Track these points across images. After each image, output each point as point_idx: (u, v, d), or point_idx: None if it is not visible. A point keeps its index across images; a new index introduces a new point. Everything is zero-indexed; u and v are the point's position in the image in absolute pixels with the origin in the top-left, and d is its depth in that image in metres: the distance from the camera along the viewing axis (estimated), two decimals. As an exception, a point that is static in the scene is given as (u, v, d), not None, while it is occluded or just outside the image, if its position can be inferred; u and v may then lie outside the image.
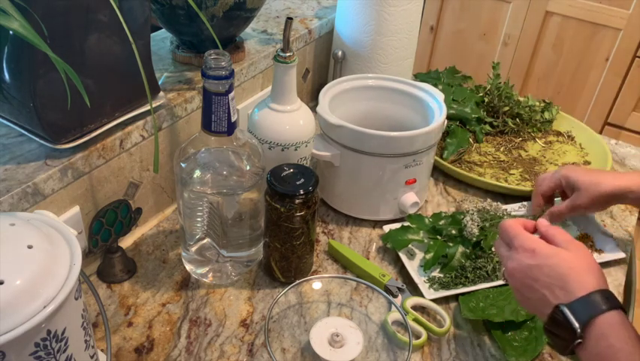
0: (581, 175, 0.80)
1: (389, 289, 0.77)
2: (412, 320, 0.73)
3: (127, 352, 0.68)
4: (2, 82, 0.65)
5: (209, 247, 0.77)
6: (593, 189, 0.78)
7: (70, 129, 0.68)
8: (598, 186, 0.77)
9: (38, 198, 0.66)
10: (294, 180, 0.71)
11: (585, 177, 0.79)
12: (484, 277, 0.79)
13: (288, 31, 0.74)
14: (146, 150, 0.81)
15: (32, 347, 0.45)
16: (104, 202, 0.76)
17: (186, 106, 0.84)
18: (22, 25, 0.49)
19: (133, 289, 0.76)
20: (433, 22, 2.21)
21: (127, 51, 0.68)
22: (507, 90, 1.15)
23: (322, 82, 1.24)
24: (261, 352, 0.69)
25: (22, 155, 0.68)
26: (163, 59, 0.93)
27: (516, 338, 0.72)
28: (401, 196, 0.88)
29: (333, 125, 0.83)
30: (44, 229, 0.50)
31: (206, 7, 0.83)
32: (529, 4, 2.00)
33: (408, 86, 0.95)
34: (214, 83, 0.65)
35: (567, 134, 1.15)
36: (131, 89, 0.74)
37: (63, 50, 0.61)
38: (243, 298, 0.76)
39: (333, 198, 0.92)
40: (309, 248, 0.78)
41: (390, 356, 0.70)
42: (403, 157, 0.84)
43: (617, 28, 1.89)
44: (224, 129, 0.68)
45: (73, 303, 0.49)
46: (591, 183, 0.78)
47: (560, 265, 0.56)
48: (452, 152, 1.05)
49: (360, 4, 1.05)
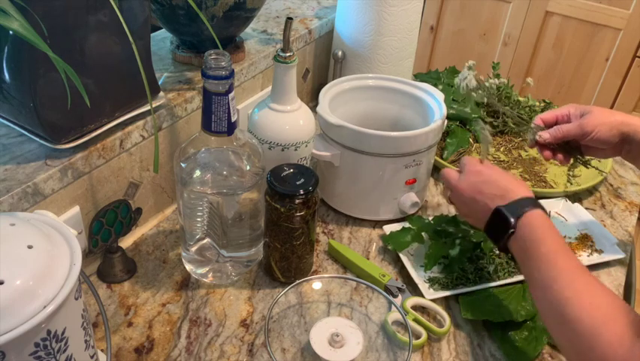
0: (592, 106, 0.81)
1: (389, 289, 0.77)
2: (412, 320, 0.73)
3: (127, 352, 0.68)
4: (2, 82, 0.65)
5: (209, 247, 0.77)
6: (605, 114, 0.78)
7: (70, 129, 0.68)
8: (611, 114, 0.78)
9: (38, 198, 0.66)
10: (294, 180, 0.71)
11: (597, 107, 0.80)
12: (484, 277, 0.79)
13: (288, 31, 0.74)
14: (146, 150, 0.81)
15: (32, 347, 0.45)
16: (104, 202, 0.76)
17: (186, 106, 0.84)
18: (22, 25, 0.49)
19: (133, 289, 0.76)
20: (433, 22, 2.21)
21: (127, 51, 0.68)
22: (507, 90, 1.15)
23: (322, 82, 1.24)
24: (261, 352, 0.69)
25: (22, 155, 0.68)
26: (163, 59, 0.93)
27: (516, 338, 0.72)
28: (401, 196, 0.88)
29: (333, 125, 0.83)
30: (44, 229, 0.50)
31: (206, 7, 0.83)
32: (529, 4, 2.00)
33: (408, 86, 0.95)
34: (214, 83, 0.65)
35: (567, 134, 1.15)
36: (131, 89, 0.74)
37: (63, 50, 0.61)
38: (242, 298, 0.76)
39: (333, 198, 0.92)
40: (309, 248, 0.78)
41: (390, 356, 0.70)
42: (402, 157, 0.84)
43: (617, 28, 1.89)
44: (224, 129, 0.68)
45: (73, 303, 0.49)
46: (604, 111, 0.79)
47: (500, 180, 0.72)
48: (452, 152, 1.05)
49: (360, 4, 1.05)
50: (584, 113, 0.80)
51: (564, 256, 0.61)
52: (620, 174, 1.09)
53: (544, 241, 0.63)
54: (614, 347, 0.52)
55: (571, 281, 0.58)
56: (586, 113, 0.79)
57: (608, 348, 0.52)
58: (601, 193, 1.03)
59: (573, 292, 0.57)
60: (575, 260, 0.61)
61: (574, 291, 0.57)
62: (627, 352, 0.51)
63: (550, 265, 0.61)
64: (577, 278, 0.59)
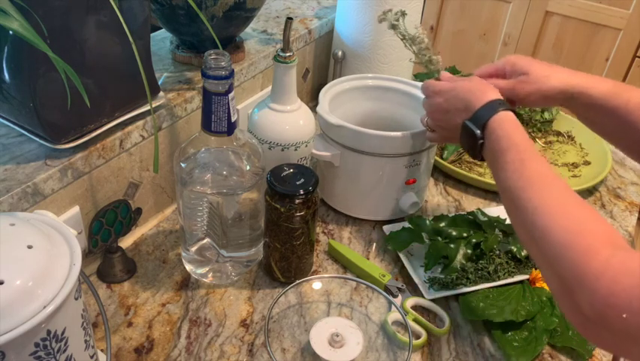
0: (531, 63, 0.73)
1: (389, 289, 0.77)
2: (412, 320, 0.73)
3: (127, 352, 0.68)
4: (2, 82, 0.65)
5: (209, 247, 0.77)
6: (542, 80, 0.71)
7: (70, 129, 0.68)
8: (547, 79, 0.71)
9: (38, 198, 0.66)
10: (294, 180, 0.71)
11: (536, 66, 0.72)
12: (484, 277, 0.78)
13: (288, 31, 0.74)
14: (146, 150, 0.81)
15: (32, 347, 0.45)
16: (104, 202, 0.76)
17: (186, 106, 0.84)
18: (22, 25, 0.49)
19: (133, 289, 0.76)
20: (433, 22, 2.21)
21: (127, 51, 0.68)
22: (507, 90, 1.15)
23: (322, 82, 1.24)
24: (260, 352, 0.69)
25: (22, 155, 0.68)
26: (163, 59, 0.93)
27: (516, 338, 0.72)
28: (401, 196, 0.88)
29: (333, 125, 0.83)
30: (44, 229, 0.50)
31: (206, 7, 0.83)
32: (529, 4, 2.00)
33: (408, 86, 0.95)
34: (214, 83, 0.65)
35: (567, 134, 1.15)
36: (131, 89, 0.74)
37: (63, 50, 0.61)
38: (242, 298, 0.76)
39: (333, 198, 0.92)
40: (309, 248, 0.78)
41: (390, 356, 0.70)
42: (402, 157, 0.84)
43: (617, 28, 1.89)
44: (224, 129, 0.68)
45: (73, 303, 0.49)
46: (541, 75, 0.71)
47: (460, 92, 0.69)
48: (452, 152, 1.05)
49: (360, 4, 1.05)
50: (521, 73, 0.72)
51: (532, 163, 0.58)
52: (620, 174, 1.09)
53: (510, 150, 0.60)
54: (588, 256, 0.47)
55: (539, 190, 0.55)
56: (523, 74, 0.72)
57: (581, 258, 0.47)
58: (601, 193, 1.03)
59: (542, 201, 0.54)
60: (544, 167, 0.57)
61: (543, 200, 0.54)
62: (603, 263, 0.46)
63: (517, 174, 0.58)
64: (546, 186, 0.55)
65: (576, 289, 0.46)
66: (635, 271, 0.44)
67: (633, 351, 0.45)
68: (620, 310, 0.43)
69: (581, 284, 0.46)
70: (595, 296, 0.45)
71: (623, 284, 0.43)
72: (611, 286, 0.44)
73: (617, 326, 0.43)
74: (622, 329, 0.43)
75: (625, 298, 0.43)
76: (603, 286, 0.44)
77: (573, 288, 0.47)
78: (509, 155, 0.60)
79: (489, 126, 0.64)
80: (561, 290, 0.49)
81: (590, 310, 0.45)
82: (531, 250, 0.55)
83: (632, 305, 0.42)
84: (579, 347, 0.71)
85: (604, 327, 0.45)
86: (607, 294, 0.44)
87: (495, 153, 0.62)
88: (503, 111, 0.64)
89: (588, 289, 0.45)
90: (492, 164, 0.63)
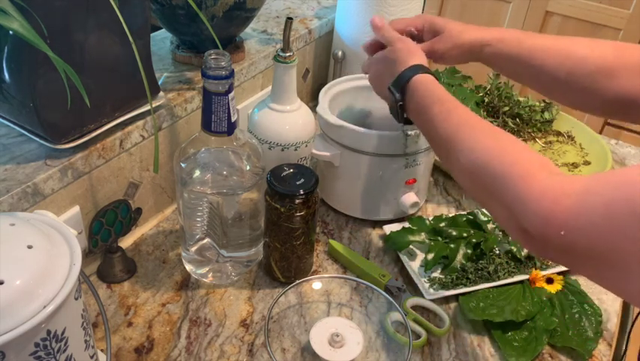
0: (447, 22, 0.78)
1: (389, 289, 0.77)
2: (412, 320, 0.73)
3: (127, 352, 0.68)
4: (2, 82, 0.65)
5: (209, 247, 0.77)
6: (457, 36, 0.76)
7: (70, 129, 0.68)
8: (461, 34, 0.76)
9: (38, 198, 0.66)
10: (294, 180, 0.71)
11: (451, 25, 0.77)
12: (484, 277, 0.78)
13: (288, 31, 0.74)
14: (146, 150, 0.81)
15: (32, 347, 0.45)
16: (104, 202, 0.76)
17: (186, 106, 0.84)
18: (22, 25, 0.49)
19: (133, 289, 0.76)
20: (433, 22, 2.21)
21: (127, 51, 0.68)
22: (507, 90, 1.15)
23: (322, 82, 1.24)
24: (260, 352, 0.69)
25: (22, 155, 0.68)
26: (163, 59, 0.93)
27: (516, 338, 0.72)
28: (401, 196, 0.88)
29: (333, 125, 0.83)
30: (44, 229, 0.50)
31: (206, 7, 0.83)
32: (529, 4, 2.00)
33: (408, 86, 0.95)
34: (214, 83, 0.65)
35: (567, 134, 1.15)
36: (131, 89, 0.74)
37: (63, 50, 0.61)
38: (242, 298, 0.76)
39: (333, 198, 0.92)
40: (309, 248, 0.78)
41: (390, 356, 0.70)
42: (403, 157, 0.84)
43: (617, 29, 1.89)
44: (224, 129, 0.68)
45: (73, 303, 0.49)
46: (457, 31, 0.76)
47: (390, 56, 0.72)
48: (452, 152, 1.04)
49: (360, 4, 1.05)
50: (437, 32, 0.77)
51: (458, 110, 0.62)
52: (620, 174, 1.09)
53: (435, 104, 0.63)
54: (527, 182, 0.51)
55: (471, 131, 0.59)
56: (439, 33, 0.77)
57: (522, 184, 0.51)
58: (601, 193, 1.02)
59: (476, 141, 0.57)
60: (469, 113, 0.61)
61: (477, 140, 0.58)
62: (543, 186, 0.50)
63: (447, 123, 0.61)
64: (476, 128, 0.59)
65: (520, 212, 0.50)
66: (571, 193, 0.47)
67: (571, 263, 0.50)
68: (558, 228, 0.47)
69: (524, 207, 0.50)
70: (537, 216, 0.49)
71: (563, 205, 0.47)
72: (552, 207, 0.48)
73: (556, 242, 0.47)
74: (561, 244, 0.47)
75: (563, 217, 0.47)
76: (544, 207, 0.48)
77: (517, 211, 0.51)
78: (435, 108, 0.63)
79: (409, 87, 0.67)
80: (506, 216, 0.53)
81: (534, 229, 0.49)
82: (474, 188, 0.59)
83: (569, 223, 0.46)
84: (579, 347, 0.71)
85: (546, 243, 0.49)
86: (548, 214, 0.48)
87: (420, 109, 0.66)
88: (423, 74, 0.67)
89: (531, 211, 0.49)
90: (419, 121, 0.67)
